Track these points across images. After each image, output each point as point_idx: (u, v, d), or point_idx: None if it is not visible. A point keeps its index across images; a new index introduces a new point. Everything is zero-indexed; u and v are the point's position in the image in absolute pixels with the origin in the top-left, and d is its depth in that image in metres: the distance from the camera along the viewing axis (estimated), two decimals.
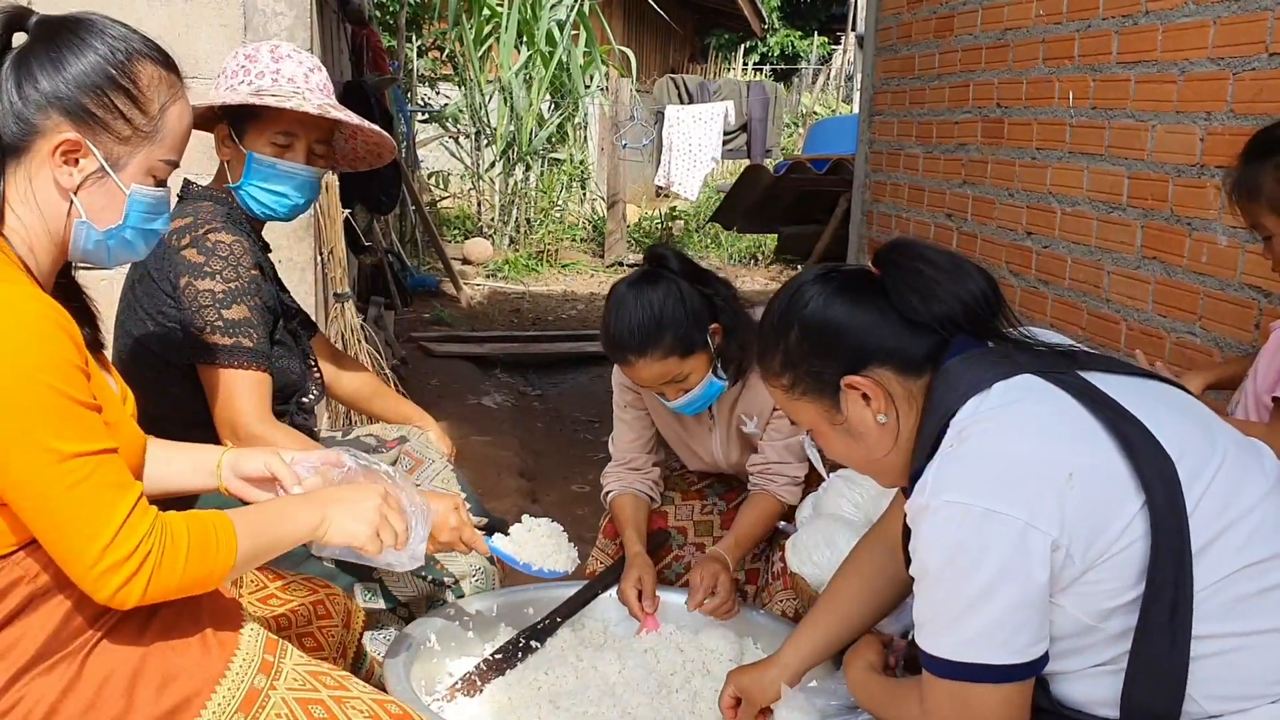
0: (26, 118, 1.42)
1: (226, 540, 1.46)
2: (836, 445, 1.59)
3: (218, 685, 1.50)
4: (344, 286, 4.28)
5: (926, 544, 1.38)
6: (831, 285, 1.53)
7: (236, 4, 3.08)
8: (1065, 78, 3.43)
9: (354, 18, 6.08)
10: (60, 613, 1.43)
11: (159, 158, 1.51)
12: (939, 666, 1.39)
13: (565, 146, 12.23)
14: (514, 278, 10.28)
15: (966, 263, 1.51)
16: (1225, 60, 2.71)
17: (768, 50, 24.28)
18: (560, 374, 6.95)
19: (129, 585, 1.36)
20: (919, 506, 1.39)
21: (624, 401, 2.64)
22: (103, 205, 1.48)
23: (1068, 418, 1.38)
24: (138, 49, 1.49)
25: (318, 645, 1.95)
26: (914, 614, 1.44)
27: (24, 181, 1.45)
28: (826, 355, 1.51)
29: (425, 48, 11.39)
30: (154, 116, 1.49)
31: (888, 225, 4.86)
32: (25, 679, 1.40)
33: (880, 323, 1.49)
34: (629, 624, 2.37)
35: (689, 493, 2.74)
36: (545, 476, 4.86)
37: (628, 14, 15.66)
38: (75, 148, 1.44)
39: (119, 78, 1.45)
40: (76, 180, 1.46)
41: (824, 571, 2.13)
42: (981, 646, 1.35)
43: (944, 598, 1.37)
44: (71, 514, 1.34)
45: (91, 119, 1.44)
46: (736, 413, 2.52)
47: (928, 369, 1.49)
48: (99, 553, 1.35)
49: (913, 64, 4.65)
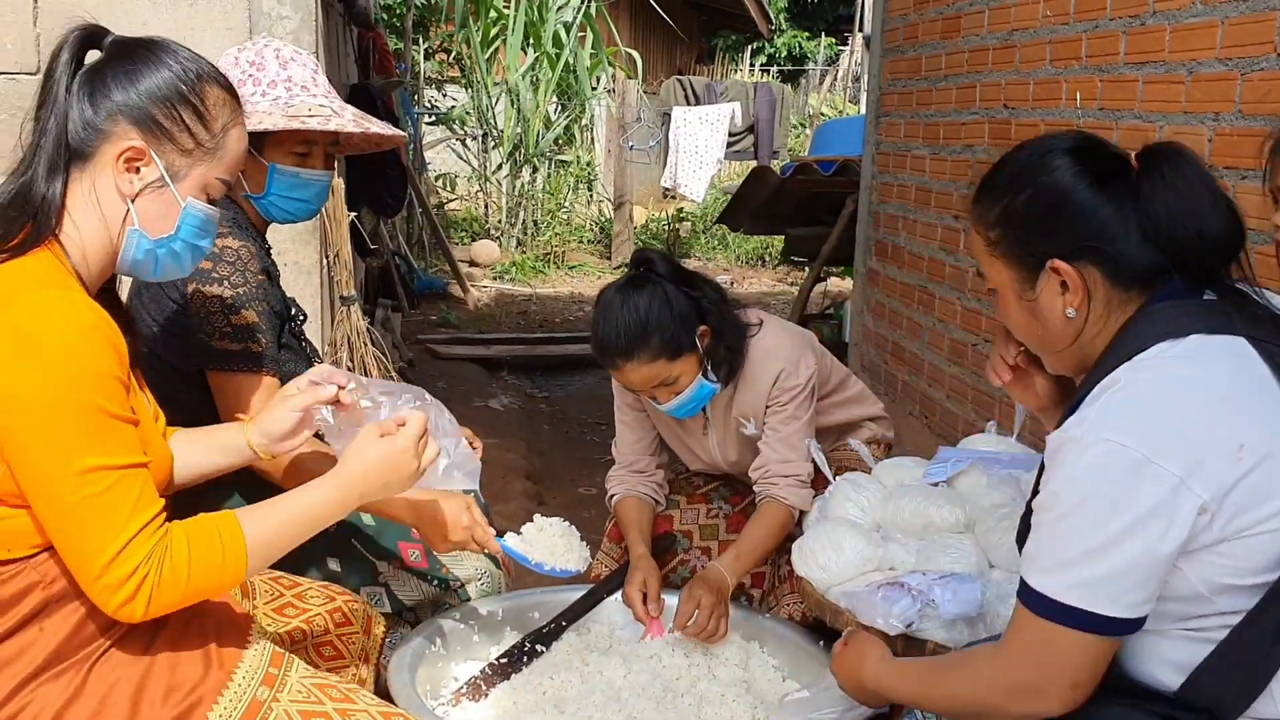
0: (96, 125, 1.48)
1: (234, 546, 1.46)
2: (1014, 316, 1.51)
3: (220, 696, 1.50)
4: (350, 289, 4.28)
5: (1068, 477, 1.33)
6: (1084, 164, 1.43)
7: (242, 7, 3.08)
8: (1072, 78, 3.41)
9: (360, 20, 6.09)
10: (72, 621, 1.44)
11: (216, 175, 1.57)
12: (1040, 603, 1.34)
13: (572, 148, 12.23)
14: (521, 280, 10.28)
15: (1225, 199, 1.41)
16: (1233, 61, 2.69)
17: (774, 51, 24.27)
18: (567, 376, 6.94)
19: (131, 603, 1.38)
20: (1071, 438, 1.34)
21: (624, 404, 2.64)
22: (158, 214, 1.53)
23: (1258, 391, 1.32)
24: (206, 71, 1.56)
25: (338, 654, 1.95)
26: (1028, 547, 1.40)
27: (87, 187, 1.49)
28: (1047, 231, 1.43)
29: (432, 50, 11.40)
30: (216, 135, 1.55)
31: (895, 226, 4.84)
32: (33, 685, 1.41)
33: (1115, 221, 1.40)
34: (634, 628, 2.37)
35: (694, 496, 2.74)
36: (552, 479, 4.85)
37: (634, 16, 15.65)
38: (139, 155, 1.49)
39: (188, 94, 1.52)
40: (136, 187, 1.50)
41: (830, 575, 2.12)
42: (1094, 594, 1.31)
43: (1070, 535, 1.32)
44: (83, 526, 1.36)
45: (158, 129, 1.50)
46: (734, 415, 2.51)
47: (1136, 290, 1.41)
48: (102, 568, 1.36)
49: (920, 65, 4.64)
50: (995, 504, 2.12)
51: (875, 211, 5.13)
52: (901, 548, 2.14)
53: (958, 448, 2.47)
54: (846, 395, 2.74)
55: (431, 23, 11.13)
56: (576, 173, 12.21)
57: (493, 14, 11.06)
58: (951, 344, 4.25)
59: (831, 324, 6.62)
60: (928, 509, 2.16)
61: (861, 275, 5.31)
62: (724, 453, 2.60)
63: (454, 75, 11.71)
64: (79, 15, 1.57)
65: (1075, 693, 1.36)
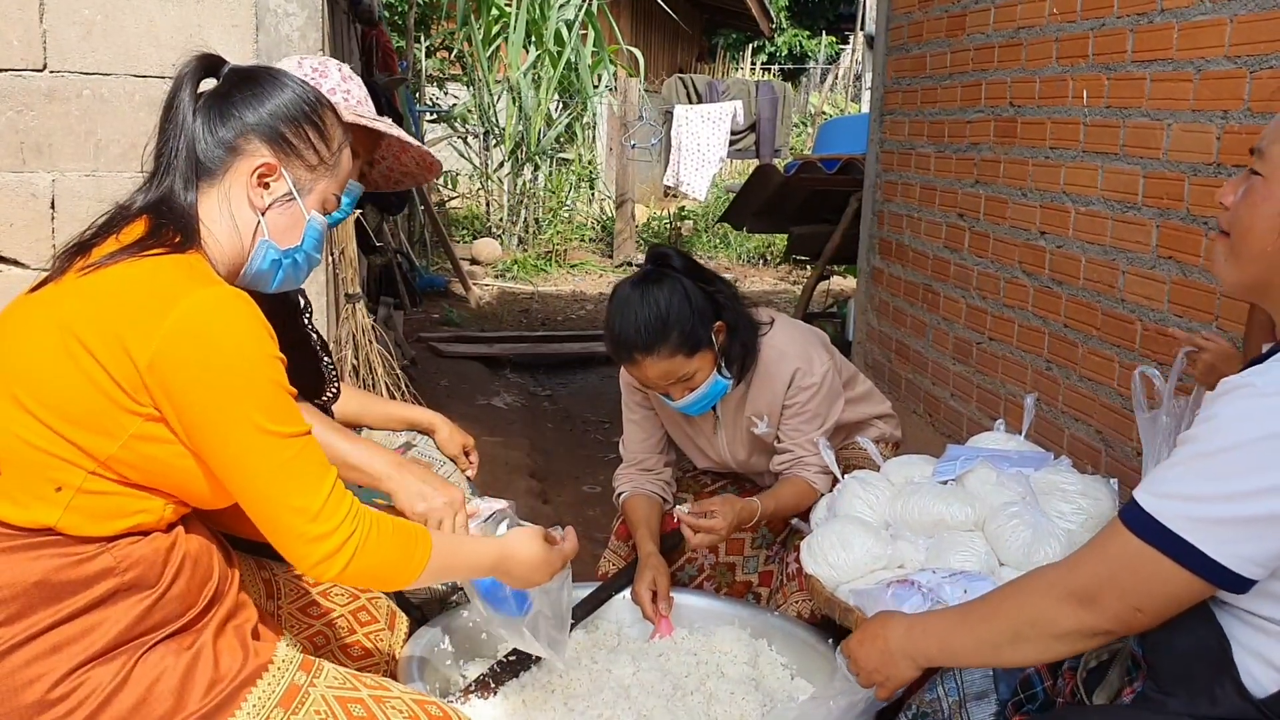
0: (229, 143, 1.58)
1: (423, 552, 1.60)
2: (1262, 212, 1.41)
3: (258, 680, 1.55)
4: (355, 287, 4.28)
5: (1236, 417, 1.28)
6: None
7: (248, 4, 3.07)
8: (1079, 76, 3.41)
9: (364, 18, 6.07)
10: (136, 612, 1.48)
11: (333, 191, 1.69)
12: (1145, 525, 1.31)
13: (574, 146, 12.22)
14: (523, 278, 10.27)
15: None
16: (1242, 58, 2.69)
17: (776, 50, 24.25)
18: (570, 374, 6.94)
19: (334, 557, 1.49)
20: (1249, 383, 1.29)
21: (633, 402, 2.64)
22: (286, 226, 1.64)
23: None
24: (321, 95, 1.68)
25: (366, 652, 1.99)
26: (1154, 472, 1.35)
27: (221, 201, 1.59)
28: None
29: (434, 48, 11.39)
30: (335, 152, 1.68)
31: (899, 225, 4.84)
32: (89, 667, 1.45)
33: None
34: (643, 626, 2.36)
35: (702, 494, 2.74)
36: (555, 477, 4.85)
37: (636, 14, 15.64)
38: (271, 171, 1.60)
39: (311, 114, 1.64)
40: (267, 201, 1.61)
41: (839, 573, 2.12)
42: (1211, 534, 1.27)
43: (1212, 473, 1.28)
44: (285, 487, 1.47)
45: (287, 146, 1.61)
46: (745, 413, 2.51)
47: None
48: (306, 523, 1.48)
49: (924, 63, 4.63)
50: (1005, 502, 2.12)
51: (879, 210, 5.12)
52: (911, 545, 2.14)
53: (966, 445, 2.47)
54: (855, 394, 2.74)
55: (434, 20, 11.12)
56: (578, 171, 12.20)
57: (494, 12, 11.05)
58: (956, 342, 4.24)
59: (835, 322, 6.62)
60: (937, 507, 2.15)
61: (865, 274, 5.30)
62: (733, 451, 2.60)
63: (456, 73, 11.71)
64: (84, 12, 1.59)
65: (1136, 616, 1.32)
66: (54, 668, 1.42)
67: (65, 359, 1.42)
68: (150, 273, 1.47)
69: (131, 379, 1.41)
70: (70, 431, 1.43)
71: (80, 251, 1.53)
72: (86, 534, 1.45)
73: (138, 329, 1.41)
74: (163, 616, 1.51)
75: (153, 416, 1.44)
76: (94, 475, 1.44)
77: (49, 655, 1.43)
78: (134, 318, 1.42)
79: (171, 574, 1.51)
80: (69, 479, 1.44)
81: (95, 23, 2.94)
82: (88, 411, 1.42)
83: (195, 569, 1.55)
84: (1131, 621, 1.34)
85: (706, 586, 2.62)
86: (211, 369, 1.42)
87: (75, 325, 1.43)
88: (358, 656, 1.95)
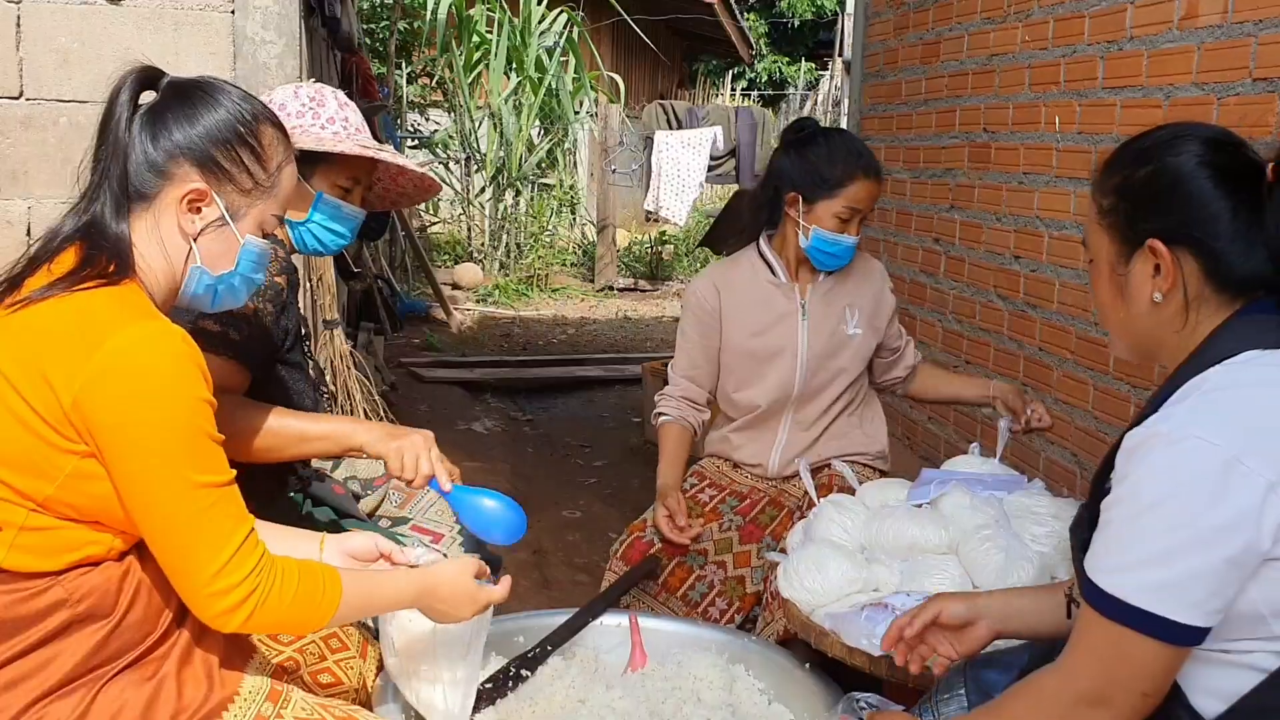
0: (159, 166, 1.53)
1: (332, 595, 1.54)
2: (1102, 290, 1.50)
3: (223, 714, 1.53)
4: (333, 313, 4.28)
5: (1150, 472, 1.26)
6: (1214, 156, 1.40)
7: (225, 32, 3.08)
8: (1051, 103, 3.45)
9: (343, 45, 6.09)
10: (92, 642, 1.46)
11: (271, 212, 1.63)
12: (1110, 606, 1.28)
13: (555, 172, 12.25)
14: (504, 303, 10.28)
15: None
16: (1210, 85, 2.73)
17: (755, 76, 24.42)
18: (551, 399, 6.94)
19: (235, 610, 1.45)
20: (1156, 433, 1.27)
21: (698, 321, 2.73)
22: (219, 252, 1.58)
23: None
24: (260, 110, 1.61)
25: (336, 680, 1.95)
26: (1095, 546, 1.33)
27: (151, 226, 1.54)
28: (1154, 210, 1.41)
29: (415, 74, 11.42)
30: (272, 174, 1.61)
31: (876, 249, 4.87)
32: (46, 701, 1.43)
33: (1225, 218, 1.37)
34: (620, 653, 2.36)
35: (705, 514, 2.74)
36: (536, 502, 4.84)
37: (616, 41, 15.73)
38: (201, 196, 1.54)
39: (246, 135, 1.57)
40: (198, 227, 1.56)
41: (815, 597, 2.12)
42: (1172, 598, 1.24)
43: (1147, 533, 1.25)
44: (193, 538, 1.43)
45: (219, 170, 1.55)
46: (842, 303, 2.70)
47: (1227, 295, 1.39)
48: (211, 576, 1.43)
49: (900, 89, 4.68)
50: (978, 525, 2.13)
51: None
52: (886, 569, 2.15)
53: (941, 469, 2.49)
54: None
55: (414, 47, 11.16)
56: (559, 196, 12.23)
57: (475, 39, 11.12)
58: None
59: None
60: (912, 530, 2.16)
61: None
62: (810, 340, 2.70)
63: (437, 99, 11.74)
64: (60, 40, 1.58)
65: (1146, 702, 1.30)
66: (10, 704, 1.40)
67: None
68: (80, 307, 1.43)
69: (58, 417, 1.38)
70: (5, 475, 1.40)
71: (10, 287, 1.49)
72: (34, 570, 1.43)
73: (63, 366, 1.38)
74: (120, 645, 1.48)
75: (88, 453, 1.41)
76: (36, 513, 1.42)
77: (4, 691, 1.40)
78: (60, 354, 1.39)
79: (127, 601, 1.49)
80: (10, 518, 1.41)
81: (72, 50, 2.95)
82: (21, 452, 1.40)
83: (152, 595, 1.52)
84: (1143, 707, 1.31)
85: (718, 603, 2.61)
86: (135, 410, 1.38)
87: (2, 364, 1.40)
88: (328, 684, 1.93)
